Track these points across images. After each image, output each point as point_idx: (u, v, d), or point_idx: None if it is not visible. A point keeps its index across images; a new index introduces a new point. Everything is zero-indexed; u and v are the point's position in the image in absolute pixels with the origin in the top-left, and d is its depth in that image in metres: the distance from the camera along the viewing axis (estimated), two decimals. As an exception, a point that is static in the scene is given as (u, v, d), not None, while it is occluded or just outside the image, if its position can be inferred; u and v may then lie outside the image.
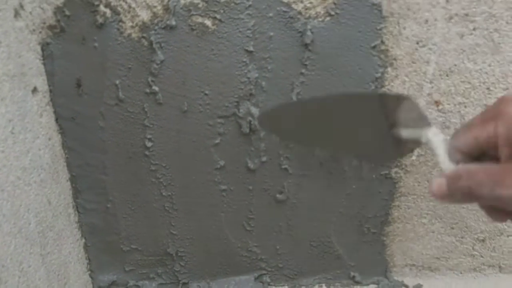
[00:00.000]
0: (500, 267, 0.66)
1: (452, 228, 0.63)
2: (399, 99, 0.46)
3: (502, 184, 0.32)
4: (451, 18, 0.50)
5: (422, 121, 0.43)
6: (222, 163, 0.58)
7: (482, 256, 0.66)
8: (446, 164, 0.38)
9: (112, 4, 0.49)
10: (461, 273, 0.67)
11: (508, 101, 0.34)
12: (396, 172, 0.58)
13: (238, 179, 0.59)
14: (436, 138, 0.41)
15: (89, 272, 0.63)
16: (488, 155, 0.36)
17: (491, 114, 0.35)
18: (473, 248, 0.65)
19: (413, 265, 0.66)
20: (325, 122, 0.49)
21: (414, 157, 0.57)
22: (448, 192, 0.37)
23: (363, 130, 0.48)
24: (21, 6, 0.46)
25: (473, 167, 0.35)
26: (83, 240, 0.62)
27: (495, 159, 0.34)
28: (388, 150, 0.48)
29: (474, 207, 0.60)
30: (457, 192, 0.36)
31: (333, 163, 0.58)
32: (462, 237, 0.64)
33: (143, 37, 0.50)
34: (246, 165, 0.58)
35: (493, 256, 0.65)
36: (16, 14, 0.45)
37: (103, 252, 0.63)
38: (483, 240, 0.64)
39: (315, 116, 0.49)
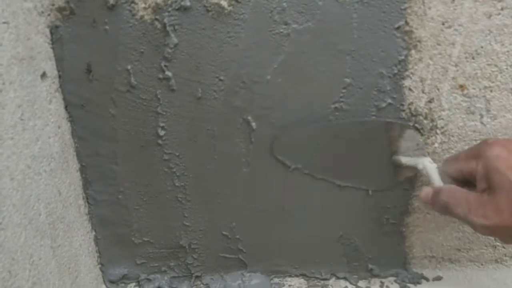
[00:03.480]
0: (522, 258, 0.64)
1: (474, 218, 0.61)
2: (403, 127, 0.53)
3: (476, 213, 0.40)
4: (478, -3, 0.48)
5: (420, 151, 0.52)
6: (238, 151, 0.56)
7: (503, 247, 0.64)
8: (438, 183, 0.47)
9: (124, -16, 0.46)
10: (482, 264, 0.65)
11: (489, 145, 0.41)
12: (418, 160, 0.56)
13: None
14: (431, 165, 0.50)
15: (99, 265, 0.62)
16: (470, 182, 0.43)
17: (474, 153, 0.42)
18: (495, 239, 0.63)
19: (433, 256, 0.64)
20: (334, 148, 0.55)
21: (436, 145, 0.55)
22: (430, 201, 0.46)
23: (367, 156, 0.55)
24: (29, -14, 0.44)
25: (456, 188, 0.44)
26: (94, 233, 0.60)
27: (475, 186, 0.42)
28: (387, 176, 0.55)
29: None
30: (437, 204, 0.45)
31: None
32: (484, 228, 0.62)
33: (156, 19, 0.48)
34: (263, 154, 0.56)
35: (515, 247, 0.63)
36: (24, -6, 0.43)
37: (114, 244, 0.61)
38: (505, 231, 0.62)
39: (326, 142, 0.55)
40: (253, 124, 0.54)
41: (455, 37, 0.49)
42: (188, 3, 0.47)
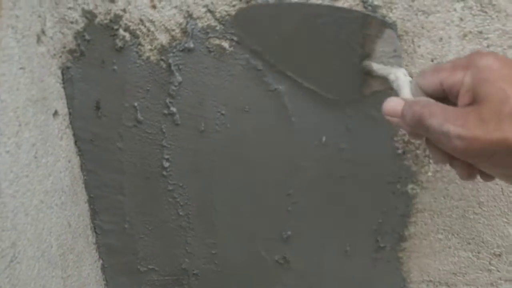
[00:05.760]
0: (517, 281, 0.66)
1: (469, 243, 0.63)
2: (383, 26, 0.45)
3: (453, 122, 0.34)
4: (465, 35, 0.50)
5: (396, 59, 0.44)
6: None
7: (498, 271, 0.65)
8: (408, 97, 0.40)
9: (131, 28, 0.49)
10: (478, 288, 0.67)
11: (481, 55, 0.35)
12: (412, 188, 0.58)
13: (255, 198, 0.59)
14: (405, 78, 0.42)
15: (106, 293, 0.64)
16: (447, 101, 0.37)
17: (463, 63, 0.36)
18: (489, 263, 0.65)
19: (430, 281, 0.66)
20: (300, 36, 0.46)
21: (430, 173, 0.58)
22: (400, 113, 0.38)
23: (335, 55, 0.46)
24: (43, 32, 0.47)
25: (432, 100, 0.37)
26: (101, 261, 0.62)
27: (454, 105, 0.36)
28: (352, 84, 0.47)
29: (491, 222, 0.61)
30: (409, 115, 0.37)
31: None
32: (478, 252, 0.64)
33: (162, 59, 0.51)
34: (263, 184, 0.58)
35: (510, 271, 0.65)
36: (38, 40, 0.46)
37: (120, 273, 0.63)
38: (499, 255, 0.64)
39: (291, 27, 0.46)
40: (254, 155, 0.57)
41: (444, 72, 0.52)
42: (192, 45, 0.50)
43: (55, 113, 0.50)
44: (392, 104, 0.39)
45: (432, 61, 0.52)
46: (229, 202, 0.60)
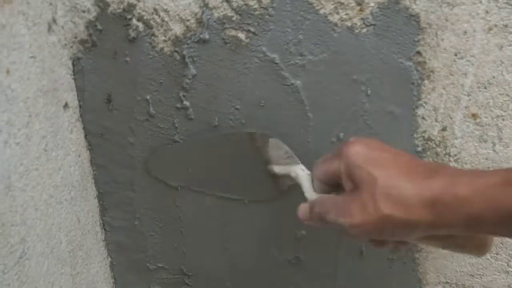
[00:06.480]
0: (536, 284, 0.64)
1: (488, 244, 0.61)
2: (265, 137, 0.52)
3: (343, 214, 0.38)
4: (490, 29, 0.49)
5: (291, 159, 0.50)
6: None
7: (517, 274, 0.64)
8: (311, 194, 0.45)
9: (145, 18, 0.48)
10: (495, 290, 0.65)
11: (349, 144, 0.39)
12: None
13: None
14: (303, 173, 0.47)
15: (114, 291, 0.62)
16: (340, 185, 0.41)
17: (337, 152, 0.40)
18: (508, 265, 0.63)
19: (447, 282, 0.64)
20: (210, 163, 0.54)
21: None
22: (309, 217, 0.43)
23: (243, 168, 0.53)
24: (54, 21, 0.45)
25: (325, 196, 0.42)
26: (109, 259, 0.60)
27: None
28: (271, 186, 0.53)
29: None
30: (314, 218, 0.42)
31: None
32: (497, 254, 0.62)
33: (176, 51, 0.49)
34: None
35: (528, 273, 0.64)
36: (50, 29, 0.44)
37: (129, 271, 0.62)
38: (518, 257, 0.62)
39: (199, 158, 0.54)
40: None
41: (467, 67, 0.51)
42: (207, 36, 0.49)
43: (66, 105, 0.48)
44: (302, 212, 0.44)
45: (456, 55, 0.50)
46: (241, 200, 0.58)
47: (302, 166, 0.49)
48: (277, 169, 0.51)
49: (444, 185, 0.34)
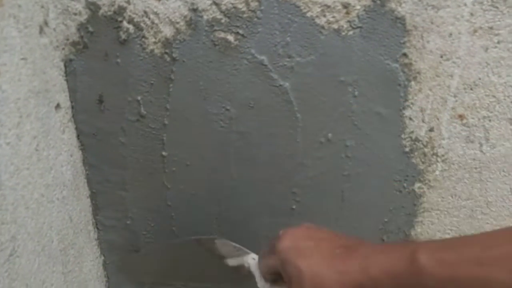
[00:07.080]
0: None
1: (476, 243, 0.62)
2: (211, 239, 0.53)
3: None
4: (475, 31, 0.49)
5: (241, 251, 0.51)
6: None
7: None
8: (260, 283, 0.46)
9: (135, 20, 0.49)
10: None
11: (280, 239, 0.40)
12: (419, 187, 0.58)
13: (259, 195, 0.59)
14: (254, 262, 0.49)
15: (107, 290, 0.63)
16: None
17: (271, 248, 0.42)
18: None
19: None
20: (174, 264, 0.59)
21: (437, 172, 0.57)
22: None
23: (204, 264, 0.56)
24: (46, 23, 0.46)
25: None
26: (102, 258, 0.61)
27: None
28: (231, 277, 0.55)
29: (499, 223, 0.60)
30: None
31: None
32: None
33: (166, 52, 0.50)
34: (267, 181, 0.57)
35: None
36: (41, 31, 0.45)
37: (121, 269, 0.63)
38: (507, 256, 0.63)
39: (164, 261, 0.59)
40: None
41: (453, 69, 0.51)
42: (196, 38, 0.49)
43: (57, 106, 0.49)
44: None
45: (442, 57, 0.51)
46: (232, 200, 0.59)
47: (253, 255, 0.50)
48: (231, 262, 0.53)
49: (359, 267, 0.35)
